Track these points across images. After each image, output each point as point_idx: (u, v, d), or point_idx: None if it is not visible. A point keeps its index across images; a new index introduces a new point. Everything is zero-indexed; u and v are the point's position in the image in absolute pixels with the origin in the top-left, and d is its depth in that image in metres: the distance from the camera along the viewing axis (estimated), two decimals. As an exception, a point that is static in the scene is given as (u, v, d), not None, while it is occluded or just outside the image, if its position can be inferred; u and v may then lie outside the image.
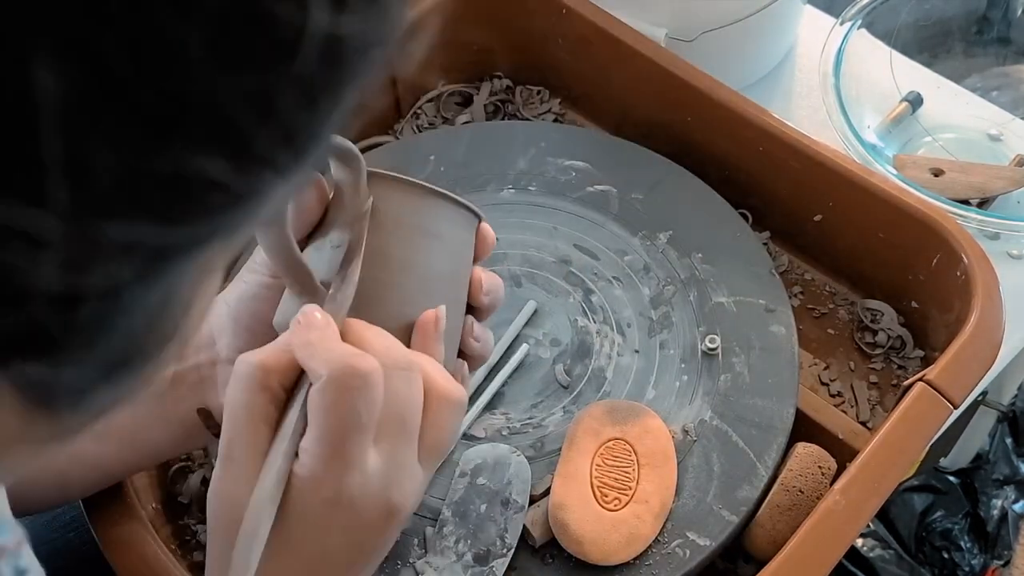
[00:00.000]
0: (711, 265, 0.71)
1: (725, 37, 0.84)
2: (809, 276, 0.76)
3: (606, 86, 0.81)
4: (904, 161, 0.83)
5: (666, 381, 0.66)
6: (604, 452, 0.61)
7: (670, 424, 0.64)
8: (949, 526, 1.22)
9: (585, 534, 0.58)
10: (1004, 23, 0.93)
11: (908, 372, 0.71)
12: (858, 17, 0.88)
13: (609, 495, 0.59)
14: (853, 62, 0.86)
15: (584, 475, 0.60)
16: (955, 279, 0.66)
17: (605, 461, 0.60)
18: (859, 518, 0.55)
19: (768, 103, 0.75)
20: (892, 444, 0.58)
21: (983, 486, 1.24)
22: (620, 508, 0.59)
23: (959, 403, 0.60)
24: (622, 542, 0.58)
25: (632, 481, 0.60)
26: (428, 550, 0.59)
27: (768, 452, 0.63)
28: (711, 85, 0.74)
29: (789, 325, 0.68)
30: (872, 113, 0.87)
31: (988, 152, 0.87)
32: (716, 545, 0.60)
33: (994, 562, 1.23)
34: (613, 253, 0.72)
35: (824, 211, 0.73)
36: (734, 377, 0.66)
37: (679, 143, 0.78)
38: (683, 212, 0.74)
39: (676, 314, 0.69)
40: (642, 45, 0.77)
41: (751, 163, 0.75)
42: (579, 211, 0.74)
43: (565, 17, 0.80)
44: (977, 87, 0.91)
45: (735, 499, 0.61)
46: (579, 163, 0.77)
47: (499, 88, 0.86)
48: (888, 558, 1.20)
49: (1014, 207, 0.82)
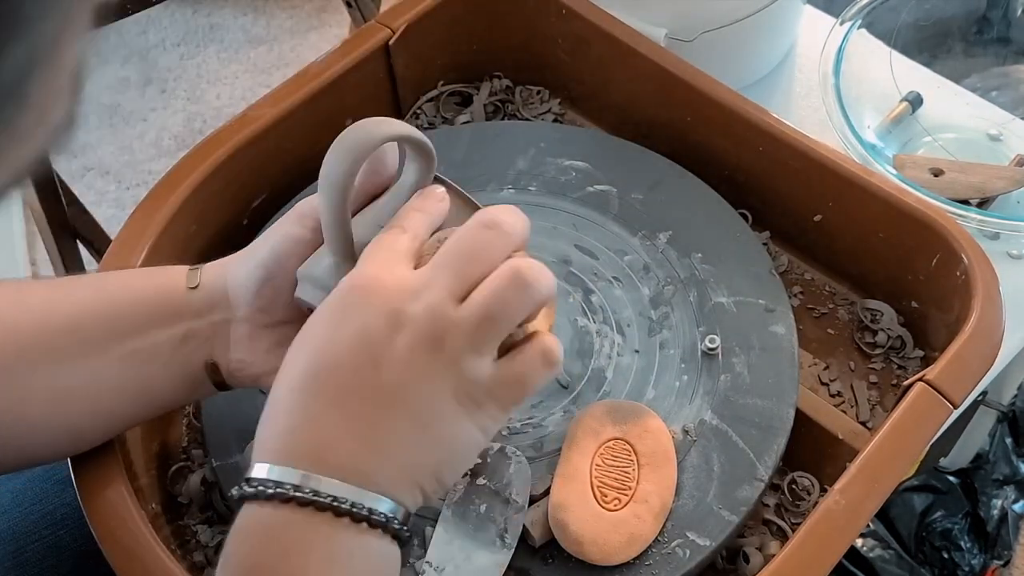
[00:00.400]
0: (711, 265, 0.71)
1: (725, 37, 0.84)
2: (809, 276, 0.76)
3: (606, 86, 0.81)
4: (904, 161, 0.83)
5: (666, 381, 0.66)
6: (604, 452, 0.61)
7: (670, 424, 0.64)
8: (949, 526, 1.22)
9: (585, 534, 0.58)
10: (1004, 23, 0.93)
11: (908, 372, 0.71)
12: (858, 17, 0.88)
13: (609, 495, 0.59)
14: (853, 62, 0.86)
15: (584, 475, 0.60)
16: (955, 279, 0.66)
17: (605, 461, 0.60)
18: (859, 518, 0.55)
19: (768, 103, 0.75)
20: (892, 444, 0.58)
21: (983, 486, 1.24)
22: (620, 508, 0.59)
23: (959, 403, 0.60)
24: (622, 542, 0.58)
25: (632, 481, 0.60)
26: (428, 550, 0.59)
27: (768, 452, 0.63)
28: (711, 85, 0.74)
29: (789, 325, 0.68)
30: (872, 113, 0.87)
31: (988, 152, 0.87)
32: (716, 545, 0.60)
33: (994, 562, 1.23)
34: (613, 253, 0.72)
35: (824, 211, 0.73)
36: (734, 377, 0.66)
37: (679, 143, 0.78)
38: (683, 212, 0.74)
39: (676, 314, 0.69)
40: (642, 45, 0.77)
41: (751, 163, 0.75)
42: (579, 211, 0.74)
43: (565, 17, 0.80)
44: (977, 87, 0.91)
45: (735, 499, 0.61)
46: (579, 163, 0.77)
47: (499, 88, 0.86)
48: (888, 558, 1.20)
49: (1014, 207, 0.82)
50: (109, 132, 1.83)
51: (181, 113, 1.85)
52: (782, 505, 0.65)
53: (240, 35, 1.97)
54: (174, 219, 0.68)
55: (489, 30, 0.84)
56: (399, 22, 0.78)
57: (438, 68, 0.85)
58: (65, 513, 0.68)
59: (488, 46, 0.85)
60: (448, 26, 0.81)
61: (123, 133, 1.83)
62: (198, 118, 1.85)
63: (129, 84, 1.90)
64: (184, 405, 0.63)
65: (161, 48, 1.95)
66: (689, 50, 0.82)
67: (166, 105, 1.87)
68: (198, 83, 1.90)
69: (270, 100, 0.73)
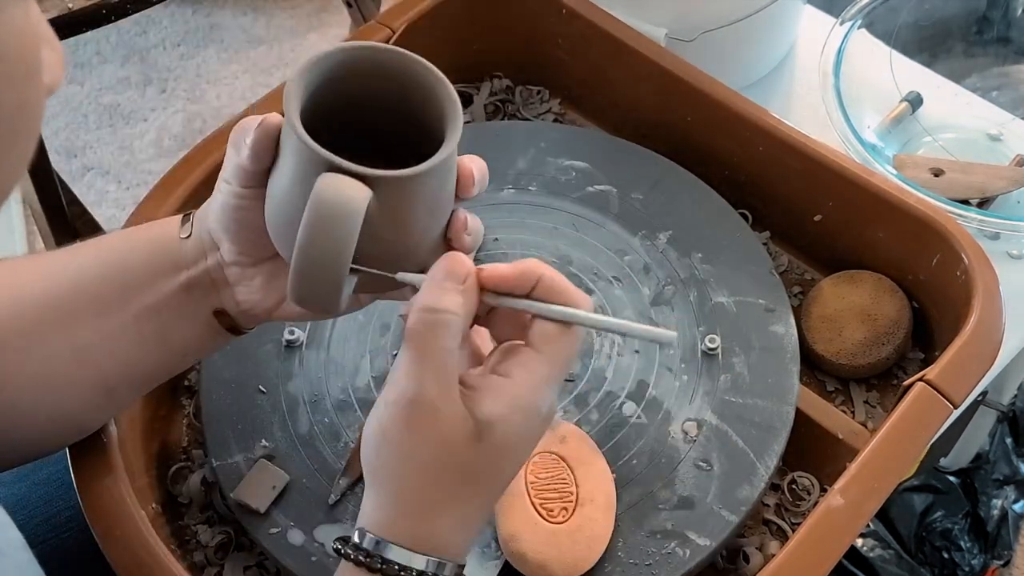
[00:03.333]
0: (711, 265, 0.71)
1: (725, 37, 0.84)
2: (809, 276, 0.76)
3: (606, 86, 0.81)
4: (904, 161, 0.83)
5: (666, 381, 0.66)
6: (534, 469, 0.60)
7: (670, 424, 0.64)
8: (949, 526, 1.22)
9: (546, 557, 0.57)
10: (1004, 23, 0.93)
11: (908, 372, 0.71)
12: (858, 17, 0.88)
13: (554, 508, 0.59)
14: (853, 62, 0.86)
15: (523, 498, 0.59)
16: (955, 279, 0.66)
17: (539, 477, 0.60)
18: (859, 518, 0.55)
19: (768, 103, 0.75)
20: (892, 444, 0.58)
21: (983, 486, 1.24)
22: (569, 517, 0.58)
23: (959, 403, 0.60)
24: (584, 549, 0.58)
25: (571, 486, 0.59)
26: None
27: (768, 452, 0.63)
28: (711, 85, 0.74)
29: (789, 325, 0.68)
30: (872, 113, 0.87)
31: (988, 152, 0.87)
32: (716, 545, 0.60)
33: (994, 562, 1.23)
34: (613, 253, 0.72)
35: (824, 211, 0.73)
36: (734, 377, 0.66)
37: (679, 143, 0.78)
38: (683, 212, 0.74)
39: (676, 314, 0.69)
40: (642, 45, 0.77)
41: (751, 163, 0.75)
42: (579, 211, 0.74)
43: (565, 17, 0.80)
44: (977, 87, 0.91)
45: (735, 499, 0.61)
46: (579, 163, 0.77)
47: (499, 88, 0.86)
48: (888, 558, 1.20)
49: (1014, 207, 0.82)
50: (109, 132, 1.83)
51: (181, 113, 1.85)
52: (782, 505, 0.65)
53: (240, 35, 1.97)
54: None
55: (489, 30, 0.84)
56: (399, 22, 0.77)
57: (438, 68, 0.84)
58: (69, 516, 0.68)
59: (488, 46, 0.85)
60: (448, 26, 0.81)
61: (123, 133, 1.83)
62: (198, 118, 1.84)
63: (129, 84, 1.90)
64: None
65: (161, 48, 1.95)
66: (689, 50, 0.82)
67: (166, 105, 1.87)
68: (198, 83, 1.90)
69: (270, 100, 0.73)
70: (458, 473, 0.46)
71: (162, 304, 0.54)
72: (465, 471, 0.47)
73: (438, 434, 0.45)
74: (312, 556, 0.60)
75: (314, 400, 0.66)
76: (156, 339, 0.54)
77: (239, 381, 0.66)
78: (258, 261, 0.54)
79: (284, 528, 0.61)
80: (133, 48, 1.95)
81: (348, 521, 0.61)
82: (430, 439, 0.46)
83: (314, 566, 0.59)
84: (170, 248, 0.54)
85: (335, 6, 1.97)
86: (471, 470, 0.47)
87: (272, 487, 0.61)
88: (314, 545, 0.60)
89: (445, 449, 0.46)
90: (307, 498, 0.62)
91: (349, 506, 0.62)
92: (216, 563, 0.63)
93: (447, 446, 0.46)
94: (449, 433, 0.46)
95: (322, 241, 0.44)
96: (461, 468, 0.46)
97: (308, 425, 0.65)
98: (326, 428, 0.65)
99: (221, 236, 0.53)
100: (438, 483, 0.46)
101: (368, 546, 0.46)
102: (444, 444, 0.46)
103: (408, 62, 0.50)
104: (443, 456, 0.46)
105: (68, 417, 0.56)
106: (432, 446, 0.46)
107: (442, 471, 0.46)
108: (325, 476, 0.63)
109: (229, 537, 0.63)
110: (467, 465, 0.46)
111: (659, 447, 0.63)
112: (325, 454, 0.64)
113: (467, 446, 0.46)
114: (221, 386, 0.66)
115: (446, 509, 0.47)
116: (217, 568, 0.63)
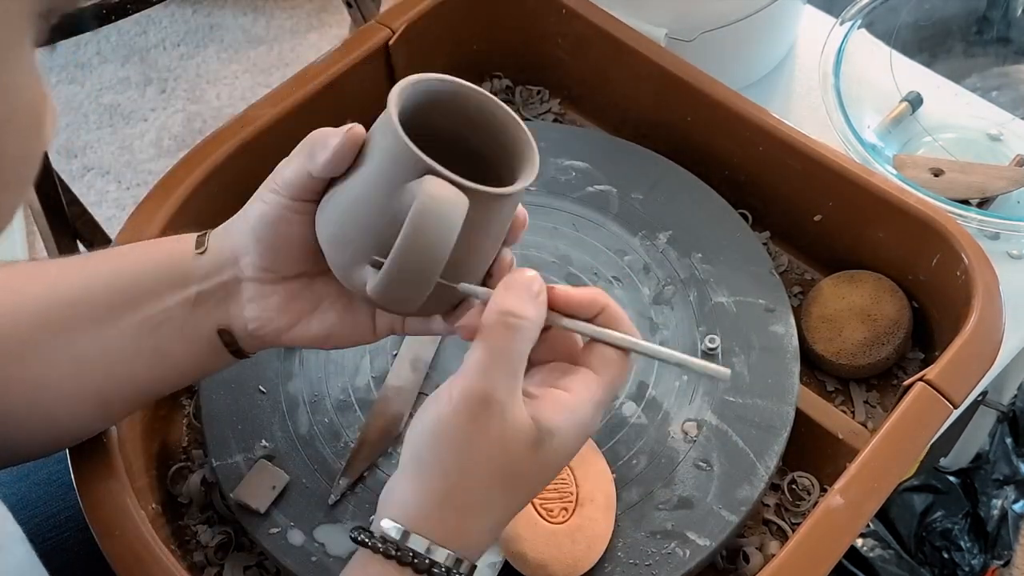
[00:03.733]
0: (711, 265, 0.71)
1: (725, 37, 0.84)
2: (809, 276, 0.76)
3: (606, 86, 0.81)
4: (904, 161, 0.83)
5: (666, 381, 0.66)
6: None
7: (670, 424, 0.64)
8: (949, 526, 1.22)
9: (545, 556, 0.57)
10: (1004, 23, 0.93)
11: (908, 372, 0.71)
12: (858, 17, 0.88)
13: (554, 509, 0.59)
14: (853, 62, 0.86)
15: None
16: (955, 279, 0.66)
17: None
18: (859, 518, 0.55)
19: (768, 103, 0.75)
20: (892, 444, 0.58)
21: (983, 486, 1.24)
22: (569, 518, 0.58)
23: (959, 403, 0.60)
24: (583, 549, 0.58)
25: (571, 487, 0.59)
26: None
27: (768, 452, 0.63)
28: (711, 85, 0.74)
29: (789, 325, 0.68)
30: (872, 113, 0.87)
31: (988, 152, 0.87)
32: (716, 545, 0.60)
33: (994, 562, 1.23)
34: (613, 253, 0.72)
35: (824, 211, 0.73)
36: (734, 377, 0.66)
37: (679, 143, 0.78)
38: (683, 212, 0.74)
39: (676, 314, 0.69)
40: (642, 45, 0.77)
41: (751, 163, 0.75)
42: (579, 211, 0.74)
43: (565, 17, 0.80)
44: (977, 87, 0.91)
45: (735, 499, 0.61)
46: (579, 163, 0.77)
47: (499, 88, 0.86)
48: (888, 558, 1.20)
49: (1014, 207, 0.82)
50: (109, 132, 1.83)
51: (181, 113, 1.85)
52: (782, 505, 0.65)
53: (240, 35, 1.97)
54: (174, 219, 0.68)
55: (489, 30, 0.84)
56: (399, 22, 0.77)
57: (438, 68, 0.84)
58: (69, 516, 0.68)
59: (488, 46, 0.85)
60: (448, 26, 0.81)
61: (123, 133, 1.83)
62: (198, 118, 1.85)
63: (129, 84, 1.90)
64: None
65: (161, 48, 1.95)
66: (689, 50, 0.82)
67: (166, 105, 1.87)
68: (198, 83, 1.90)
69: (270, 100, 0.73)
70: (510, 476, 0.47)
71: (164, 317, 0.53)
72: (516, 476, 0.47)
73: (501, 435, 0.46)
74: (312, 556, 0.60)
75: (314, 400, 0.66)
76: (154, 353, 0.54)
77: (239, 381, 0.66)
78: (280, 279, 0.53)
79: (284, 528, 0.61)
80: (133, 48, 1.95)
81: (348, 521, 0.61)
82: (493, 438, 0.46)
83: (314, 566, 0.59)
84: (182, 261, 0.54)
85: (335, 6, 1.97)
86: (521, 476, 0.47)
87: (272, 487, 0.62)
88: (314, 545, 0.60)
89: (504, 451, 0.46)
90: (307, 498, 0.62)
91: (349, 506, 0.62)
92: (216, 563, 0.63)
93: (507, 448, 0.46)
94: (513, 435, 0.46)
95: (425, 239, 0.45)
96: (514, 472, 0.47)
97: (308, 425, 0.65)
98: (326, 428, 0.65)
99: (250, 248, 0.52)
100: (489, 484, 0.46)
101: (395, 535, 0.46)
102: (504, 445, 0.46)
103: (490, 104, 0.53)
104: (500, 457, 0.46)
105: (61, 425, 0.56)
106: (493, 445, 0.46)
107: (496, 472, 0.46)
108: (325, 476, 0.63)
109: (229, 537, 0.64)
110: (520, 470, 0.47)
111: (659, 447, 0.63)
112: (325, 454, 0.64)
113: (526, 452, 0.46)
114: (221, 386, 0.66)
115: (485, 511, 0.47)
116: (217, 568, 0.63)
